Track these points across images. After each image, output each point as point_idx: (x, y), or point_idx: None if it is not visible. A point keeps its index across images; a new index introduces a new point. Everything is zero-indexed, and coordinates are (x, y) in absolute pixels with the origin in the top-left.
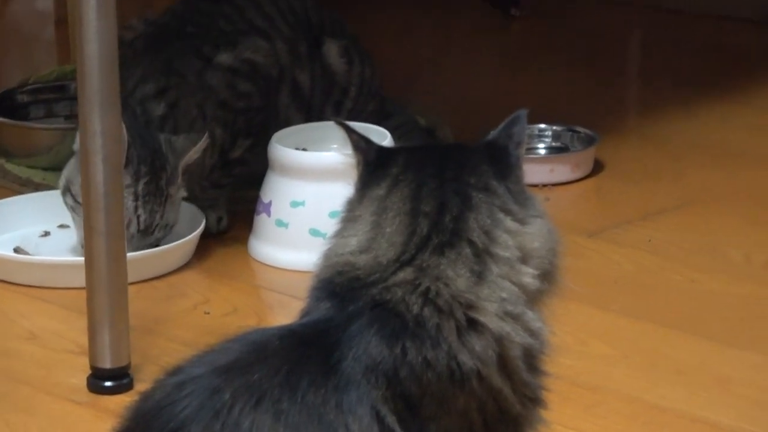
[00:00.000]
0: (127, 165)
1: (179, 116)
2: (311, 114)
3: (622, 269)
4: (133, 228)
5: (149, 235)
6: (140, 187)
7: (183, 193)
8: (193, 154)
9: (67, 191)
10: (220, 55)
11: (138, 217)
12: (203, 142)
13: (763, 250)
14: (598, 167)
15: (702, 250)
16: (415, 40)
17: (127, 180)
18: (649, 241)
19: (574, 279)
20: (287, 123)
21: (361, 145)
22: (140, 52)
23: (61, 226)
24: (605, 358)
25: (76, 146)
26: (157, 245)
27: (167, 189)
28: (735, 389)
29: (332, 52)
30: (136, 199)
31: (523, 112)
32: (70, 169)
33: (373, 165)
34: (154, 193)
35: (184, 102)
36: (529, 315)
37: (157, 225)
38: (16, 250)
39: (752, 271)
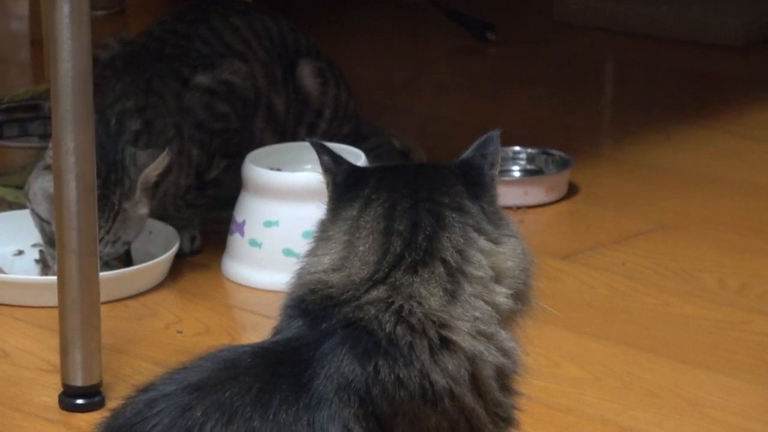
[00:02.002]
0: None
1: (155, 134)
2: (285, 137)
3: (595, 292)
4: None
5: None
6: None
7: (145, 209)
8: (151, 171)
9: (26, 194)
10: (198, 77)
11: None
12: (162, 158)
13: (737, 275)
14: (572, 190)
15: (676, 274)
16: (391, 63)
17: None
18: (623, 264)
19: (548, 302)
20: (261, 145)
21: (330, 166)
22: (120, 70)
23: (35, 245)
24: (578, 381)
25: (48, 159)
26: (107, 261)
27: (121, 203)
28: (708, 412)
29: (305, 72)
30: None
31: (496, 133)
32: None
33: (342, 185)
34: (103, 208)
35: (161, 122)
36: (502, 335)
37: (101, 239)
38: None
39: (726, 295)
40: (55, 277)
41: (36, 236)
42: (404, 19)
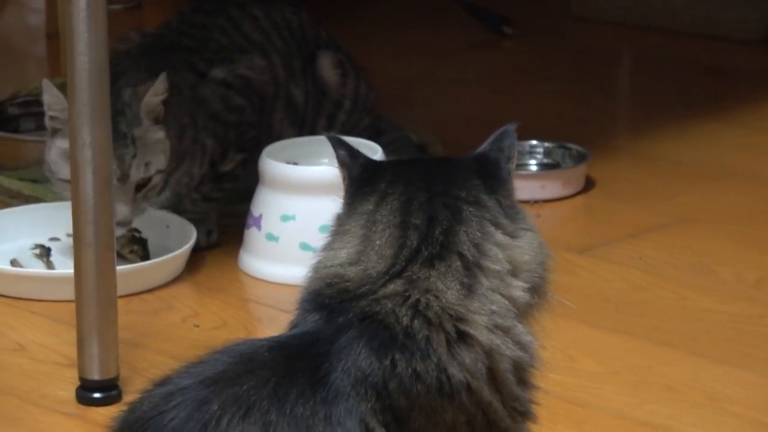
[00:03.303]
0: None
1: (169, 120)
2: (304, 129)
3: (612, 286)
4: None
5: (129, 180)
6: None
7: (160, 133)
8: (152, 95)
9: (50, 172)
10: (214, 70)
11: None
12: (159, 83)
13: (754, 269)
14: (589, 184)
15: (693, 268)
16: (407, 57)
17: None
18: (640, 258)
19: (565, 296)
20: (280, 137)
21: (346, 160)
22: (137, 60)
23: (53, 239)
24: (595, 375)
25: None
26: (146, 196)
27: (131, 132)
28: (725, 406)
29: (325, 63)
30: None
31: (512, 127)
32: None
33: (358, 180)
34: (116, 138)
35: (177, 109)
36: (519, 328)
37: (130, 166)
38: (13, 263)
39: (743, 289)
40: (71, 271)
41: (53, 230)
42: (421, 14)
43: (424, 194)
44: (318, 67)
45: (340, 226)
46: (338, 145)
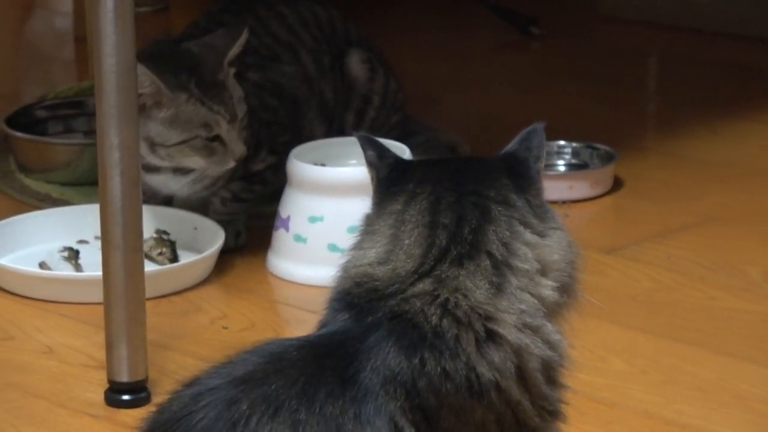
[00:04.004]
0: (172, 90)
1: None
2: (333, 125)
3: (640, 286)
4: (223, 123)
5: (236, 121)
6: (195, 90)
7: (239, 90)
8: (236, 48)
9: (153, 147)
10: (248, 73)
11: (218, 112)
12: (244, 37)
13: None
14: (617, 184)
15: (721, 268)
16: (435, 58)
17: (183, 96)
18: (668, 258)
19: (593, 295)
20: (311, 135)
21: (374, 160)
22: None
23: (81, 242)
24: (623, 374)
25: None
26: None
27: (217, 77)
28: (753, 405)
29: (354, 59)
30: (202, 102)
31: (540, 125)
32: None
33: (387, 180)
34: (212, 86)
35: None
36: (548, 327)
37: (233, 105)
38: (41, 266)
39: None
40: (99, 274)
41: (81, 232)
42: (448, 14)
43: (453, 194)
44: (347, 62)
45: (369, 226)
46: (367, 144)
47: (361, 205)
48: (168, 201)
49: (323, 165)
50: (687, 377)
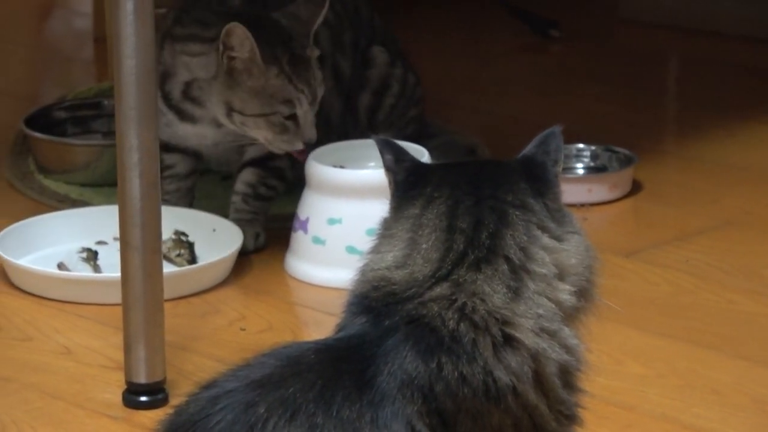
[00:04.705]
0: (266, 62)
1: None
2: (349, 103)
3: (659, 290)
4: (305, 104)
5: (315, 104)
6: (286, 67)
7: (319, 72)
8: (320, 20)
9: (230, 112)
10: None
11: (302, 92)
12: (326, 8)
13: None
14: (636, 187)
15: (739, 272)
16: (453, 61)
17: (274, 70)
18: (687, 261)
19: (611, 299)
20: (329, 111)
21: (392, 164)
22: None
23: (100, 243)
24: (641, 378)
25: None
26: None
27: (306, 54)
28: None
29: (376, 50)
30: (290, 79)
31: (558, 129)
32: (221, 90)
33: (404, 183)
34: (300, 62)
35: None
36: (566, 332)
37: (317, 88)
38: (60, 266)
39: None
40: (118, 275)
41: (100, 233)
42: (467, 17)
43: (471, 198)
44: (369, 51)
45: (386, 230)
46: (385, 148)
47: (379, 208)
48: (196, 154)
49: (342, 167)
50: (704, 381)
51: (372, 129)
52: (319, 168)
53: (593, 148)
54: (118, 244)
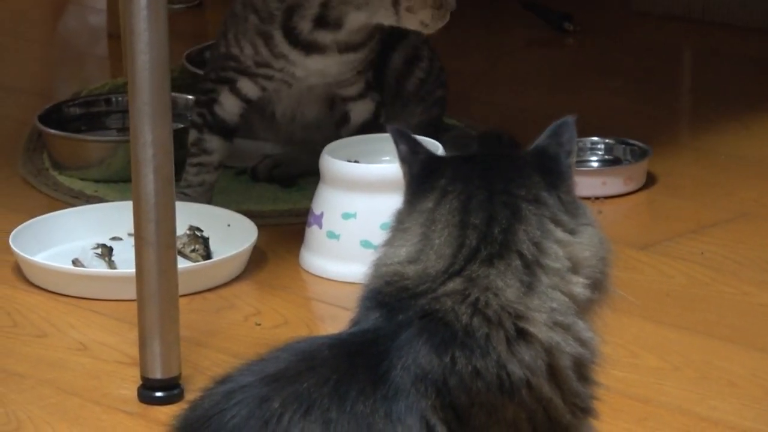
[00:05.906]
0: None
1: None
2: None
3: (674, 282)
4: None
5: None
6: None
7: None
8: None
9: (395, 5)
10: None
11: None
12: None
13: None
14: (650, 180)
15: (754, 264)
16: (468, 55)
17: None
18: (702, 254)
19: (626, 291)
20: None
21: (406, 156)
22: None
23: (114, 239)
24: (656, 371)
25: None
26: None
27: None
28: None
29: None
30: None
31: (571, 119)
32: None
33: (418, 177)
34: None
35: None
36: (580, 325)
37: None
38: (75, 263)
39: None
40: (133, 271)
41: (115, 229)
42: (481, 11)
43: (484, 192)
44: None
45: (400, 224)
46: (400, 139)
47: (394, 202)
48: (310, 90)
49: (357, 162)
50: (720, 373)
51: (400, 98)
52: (334, 163)
53: (608, 140)
54: (132, 240)
